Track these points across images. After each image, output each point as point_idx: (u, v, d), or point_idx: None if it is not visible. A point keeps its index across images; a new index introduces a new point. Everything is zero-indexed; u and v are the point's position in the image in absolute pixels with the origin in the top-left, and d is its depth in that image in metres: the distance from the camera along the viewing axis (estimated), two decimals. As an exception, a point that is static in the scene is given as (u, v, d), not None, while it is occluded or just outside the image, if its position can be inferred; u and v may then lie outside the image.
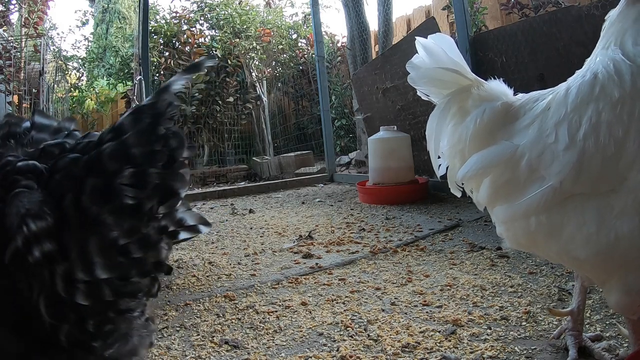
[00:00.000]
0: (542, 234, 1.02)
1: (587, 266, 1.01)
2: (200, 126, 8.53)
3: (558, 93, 1.05)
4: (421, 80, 1.26)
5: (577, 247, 0.96)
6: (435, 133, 1.26)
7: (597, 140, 0.92)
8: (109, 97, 9.56)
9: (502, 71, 3.34)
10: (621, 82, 0.93)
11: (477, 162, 1.10)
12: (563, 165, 0.96)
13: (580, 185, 0.95)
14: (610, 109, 0.92)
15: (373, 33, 7.81)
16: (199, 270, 2.17)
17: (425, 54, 1.24)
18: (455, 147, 1.22)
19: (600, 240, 0.92)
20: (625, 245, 0.90)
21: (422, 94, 1.31)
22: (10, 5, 6.53)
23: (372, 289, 1.76)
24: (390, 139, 3.95)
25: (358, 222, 3.10)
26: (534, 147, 1.02)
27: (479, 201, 1.19)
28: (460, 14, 3.65)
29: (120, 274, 0.66)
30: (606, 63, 0.98)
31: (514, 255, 2.02)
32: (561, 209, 0.98)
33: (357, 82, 5.70)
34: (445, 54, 1.21)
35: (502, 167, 1.07)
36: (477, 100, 1.18)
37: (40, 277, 0.62)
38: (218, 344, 1.36)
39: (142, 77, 2.99)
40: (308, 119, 9.14)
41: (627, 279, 0.93)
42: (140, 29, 4.60)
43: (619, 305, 0.98)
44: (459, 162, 1.21)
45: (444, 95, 1.23)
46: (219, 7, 9.21)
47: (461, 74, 1.20)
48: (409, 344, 1.26)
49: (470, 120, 1.15)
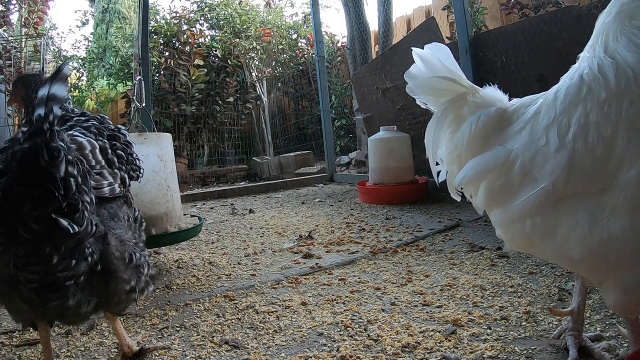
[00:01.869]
0: (538, 236, 1.03)
1: (583, 266, 1.01)
2: (200, 126, 8.53)
3: (547, 97, 1.07)
4: (419, 90, 1.29)
5: (572, 248, 0.96)
6: (434, 140, 1.29)
7: (586, 140, 0.93)
8: (109, 97, 9.55)
9: (502, 71, 3.35)
10: (606, 82, 0.94)
11: (473, 168, 1.12)
12: (554, 166, 0.97)
13: (572, 186, 0.96)
14: (598, 109, 0.93)
15: (373, 33, 7.81)
16: (199, 270, 2.17)
17: (422, 63, 1.26)
18: (452, 154, 1.24)
19: (594, 240, 0.92)
20: (618, 244, 0.90)
21: (421, 103, 1.35)
22: (10, 5, 6.52)
23: (372, 289, 1.76)
24: (390, 139, 3.95)
25: (358, 222, 3.10)
26: (527, 150, 1.04)
27: (477, 205, 1.21)
28: (460, 14, 3.65)
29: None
30: (591, 62, 0.99)
31: (514, 255, 2.02)
32: (555, 210, 0.99)
33: (357, 82, 5.70)
34: (441, 63, 1.24)
35: (497, 172, 1.08)
36: (473, 107, 1.20)
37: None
38: (218, 344, 1.36)
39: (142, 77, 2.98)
40: (308, 119, 9.14)
41: (624, 278, 0.93)
42: (140, 29, 4.59)
43: (617, 305, 0.98)
44: (456, 168, 1.23)
45: (441, 104, 1.26)
46: (219, 7, 9.21)
47: (457, 82, 1.22)
48: (409, 344, 1.26)
49: (465, 127, 1.18)
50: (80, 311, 1.05)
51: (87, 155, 1.10)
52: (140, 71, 4.44)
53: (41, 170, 0.83)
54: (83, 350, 1.38)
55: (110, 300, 1.13)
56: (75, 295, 1.02)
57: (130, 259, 1.14)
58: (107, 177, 1.15)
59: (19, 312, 1.07)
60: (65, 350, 1.37)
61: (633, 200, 0.88)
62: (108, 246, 1.07)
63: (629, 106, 0.89)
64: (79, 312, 1.04)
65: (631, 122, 0.89)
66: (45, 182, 0.84)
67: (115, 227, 1.14)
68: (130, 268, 1.15)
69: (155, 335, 1.47)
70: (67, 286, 0.99)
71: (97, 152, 1.14)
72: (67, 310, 1.03)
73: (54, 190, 0.84)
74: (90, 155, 1.11)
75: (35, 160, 0.82)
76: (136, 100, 2.74)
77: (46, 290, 0.97)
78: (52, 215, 0.85)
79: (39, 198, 0.84)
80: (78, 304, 1.03)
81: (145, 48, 4.57)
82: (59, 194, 0.85)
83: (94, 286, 1.07)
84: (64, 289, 0.99)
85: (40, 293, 0.97)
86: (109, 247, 1.08)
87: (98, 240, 1.06)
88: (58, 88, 0.86)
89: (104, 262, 1.07)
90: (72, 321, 1.15)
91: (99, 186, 1.12)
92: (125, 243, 1.14)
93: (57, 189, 0.84)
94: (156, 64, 8.06)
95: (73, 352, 1.37)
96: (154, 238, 2.07)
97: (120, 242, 1.13)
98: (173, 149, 2.33)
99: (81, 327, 1.51)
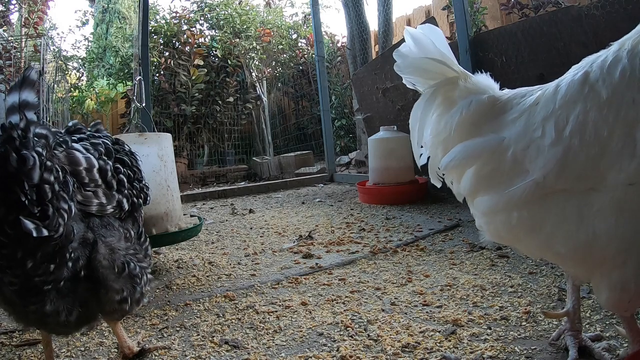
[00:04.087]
0: (524, 229, 1.03)
1: (569, 261, 1.02)
2: (200, 126, 8.54)
3: (547, 90, 1.05)
4: (407, 69, 1.27)
5: (558, 243, 0.97)
6: (420, 122, 1.26)
7: (582, 138, 0.93)
8: (109, 97, 9.55)
9: (502, 71, 3.34)
10: (610, 84, 0.92)
11: (461, 152, 1.10)
12: (547, 159, 0.96)
13: (562, 181, 0.95)
14: (598, 110, 0.92)
15: (373, 33, 7.81)
16: (199, 270, 2.17)
17: (413, 43, 1.24)
18: (438, 137, 1.22)
19: (580, 237, 0.93)
20: (602, 243, 0.91)
21: (408, 83, 1.31)
22: (10, 5, 6.52)
23: (372, 289, 1.76)
24: (390, 139, 3.95)
25: (358, 222, 3.10)
26: (520, 140, 1.03)
27: (459, 192, 1.19)
28: (460, 14, 3.65)
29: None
30: (602, 63, 0.97)
31: (514, 255, 2.02)
32: (543, 204, 0.98)
33: (357, 82, 5.70)
34: (433, 45, 1.22)
35: (487, 158, 1.07)
36: (464, 92, 1.18)
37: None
38: (218, 344, 1.36)
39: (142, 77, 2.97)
40: (308, 119, 9.14)
41: (611, 276, 0.94)
42: (140, 29, 4.59)
43: (609, 303, 0.98)
44: (441, 152, 1.21)
45: (430, 86, 1.23)
46: (219, 7, 9.21)
47: (448, 66, 1.20)
48: (409, 344, 1.26)
49: (456, 111, 1.16)
50: (59, 319, 1.03)
51: (80, 172, 1.09)
52: (140, 71, 4.44)
53: (11, 177, 0.83)
54: (83, 350, 1.38)
55: (103, 309, 1.12)
56: (54, 301, 1.01)
57: (122, 268, 1.12)
58: (99, 197, 1.13)
59: (6, 313, 1.08)
60: (65, 350, 1.37)
61: (619, 202, 0.89)
62: (96, 254, 1.07)
63: (628, 109, 0.89)
64: (57, 320, 1.03)
65: (628, 128, 0.88)
66: (14, 188, 0.84)
67: (107, 235, 1.13)
68: (123, 277, 1.13)
69: (155, 335, 1.47)
70: (45, 291, 0.98)
71: (95, 172, 1.12)
72: (46, 317, 1.02)
73: (23, 195, 0.84)
74: (84, 172, 1.10)
75: (4, 167, 0.82)
76: (136, 100, 2.73)
77: (26, 293, 0.97)
78: (19, 217, 0.85)
79: (13, 203, 0.84)
80: (57, 311, 1.02)
81: (145, 48, 4.57)
82: (27, 199, 0.85)
83: (79, 294, 1.05)
84: (42, 294, 0.98)
85: (20, 296, 0.97)
86: (97, 255, 1.07)
87: (85, 247, 1.05)
88: (28, 94, 0.86)
89: (91, 269, 1.06)
90: (54, 330, 1.11)
91: (87, 203, 1.10)
92: (116, 252, 1.12)
93: (25, 194, 0.84)
94: (156, 64, 8.06)
95: (73, 352, 1.37)
96: (155, 238, 2.07)
97: (110, 250, 1.11)
98: (173, 149, 2.33)
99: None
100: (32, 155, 0.84)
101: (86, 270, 1.05)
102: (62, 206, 0.93)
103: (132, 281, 1.15)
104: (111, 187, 1.17)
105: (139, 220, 1.33)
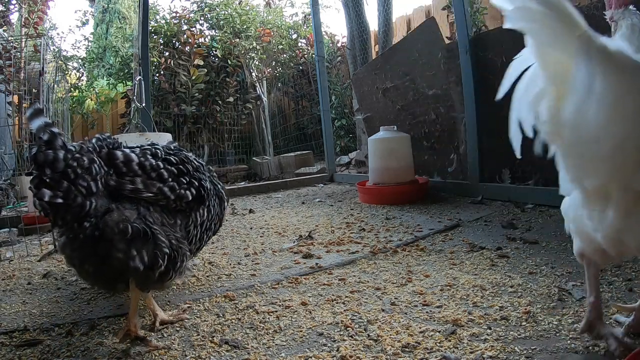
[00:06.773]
0: None
1: None
2: (200, 126, 8.53)
3: None
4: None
5: None
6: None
7: None
8: (109, 97, 9.54)
9: (502, 71, 3.30)
10: None
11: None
12: None
13: None
14: None
15: (373, 33, 7.81)
16: (199, 270, 2.17)
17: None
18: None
19: None
20: None
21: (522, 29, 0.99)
22: (10, 5, 6.52)
23: (372, 289, 1.76)
24: (390, 139, 3.96)
25: (358, 222, 3.10)
26: None
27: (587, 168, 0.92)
28: (460, 14, 3.65)
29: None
30: None
31: (514, 255, 2.02)
32: None
33: (357, 82, 5.70)
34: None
35: None
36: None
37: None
38: (218, 344, 1.36)
39: (142, 77, 2.98)
40: (308, 119, 9.13)
41: None
42: (140, 29, 4.59)
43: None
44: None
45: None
46: (219, 7, 9.20)
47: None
48: (409, 344, 1.26)
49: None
50: (84, 269, 1.36)
51: (117, 164, 1.40)
52: (140, 71, 4.44)
53: (42, 164, 1.19)
54: (83, 350, 1.38)
55: (120, 269, 1.33)
56: (76, 252, 1.33)
57: (136, 232, 1.32)
58: (136, 184, 1.40)
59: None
60: (65, 350, 1.37)
61: None
62: (107, 218, 1.31)
63: None
64: (82, 270, 1.37)
65: None
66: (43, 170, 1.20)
67: (126, 207, 1.36)
68: (134, 241, 1.31)
69: (156, 335, 1.47)
70: (73, 241, 1.32)
71: (133, 164, 1.42)
72: (75, 267, 1.38)
73: (45, 176, 1.19)
74: (121, 164, 1.40)
75: (39, 159, 1.18)
76: (136, 100, 2.74)
77: (70, 244, 1.33)
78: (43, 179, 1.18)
79: (42, 180, 1.19)
80: (81, 264, 1.35)
81: (145, 48, 4.57)
82: (48, 178, 1.19)
83: (99, 249, 1.30)
84: (68, 245, 1.33)
85: (72, 249, 1.35)
86: (106, 218, 1.31)
87: (104, 215, 1.32)
88: (44, 119, 1.21)
89: (100, 229, 1.30)
90: (89, 281, 1.45)
91: (121, 187, 1.39)
92: (128, 218, 1.33)
93: (46, 175, 1.19)
94: (156, 64, 8.05)
95: (73, 352, 1.37)
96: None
97: (123, 217, 1.32)
98: (173, 149, 2.33)
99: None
100: (56, 153, 1.18)
101: (97, 229, 1.29)
102: (82, 184, 1.24)
103: (153, 247, 1.35)
104: (150, 177, 1.45)
105: (191, 216, 1.58)
